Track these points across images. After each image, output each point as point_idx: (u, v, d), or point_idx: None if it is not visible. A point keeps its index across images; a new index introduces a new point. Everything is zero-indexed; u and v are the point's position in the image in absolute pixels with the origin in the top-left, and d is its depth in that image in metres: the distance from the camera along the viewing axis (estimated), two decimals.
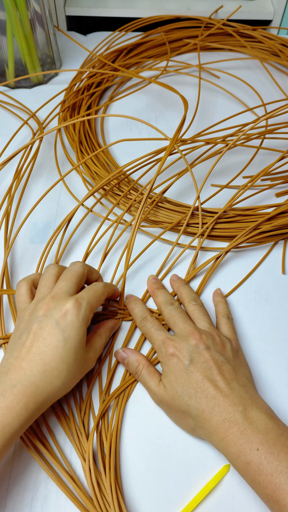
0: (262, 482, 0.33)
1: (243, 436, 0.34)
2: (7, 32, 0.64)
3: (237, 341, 0.43)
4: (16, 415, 0.33)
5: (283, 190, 0.57)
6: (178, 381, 0.38)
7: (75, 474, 0.37)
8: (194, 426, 0.37)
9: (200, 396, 0.37)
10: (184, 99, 0.55)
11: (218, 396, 0.36)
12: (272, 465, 0.33)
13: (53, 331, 0.36)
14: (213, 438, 0.36)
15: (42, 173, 0.60)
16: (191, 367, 0.38)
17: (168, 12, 0.81)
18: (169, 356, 0.39)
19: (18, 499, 0.37)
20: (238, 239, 0.51)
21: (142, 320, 0.43)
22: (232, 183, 0.57)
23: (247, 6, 0.82)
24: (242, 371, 0.39)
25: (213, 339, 0.40)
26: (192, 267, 0.50)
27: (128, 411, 0.41)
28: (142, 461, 0.38)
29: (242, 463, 0.34)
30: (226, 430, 0.35)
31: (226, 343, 0.40)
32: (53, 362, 0.35)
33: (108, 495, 0.35)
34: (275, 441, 0.34)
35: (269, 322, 0.47)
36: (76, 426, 0.39)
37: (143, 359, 0.42)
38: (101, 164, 0.58)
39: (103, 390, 0.42)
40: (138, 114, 0.68)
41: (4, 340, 0.44)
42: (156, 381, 0.40)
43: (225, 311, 0.45)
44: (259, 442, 0.34)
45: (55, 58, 0.72)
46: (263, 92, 0.71)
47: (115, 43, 0.76)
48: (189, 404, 0.37)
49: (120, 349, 0.43)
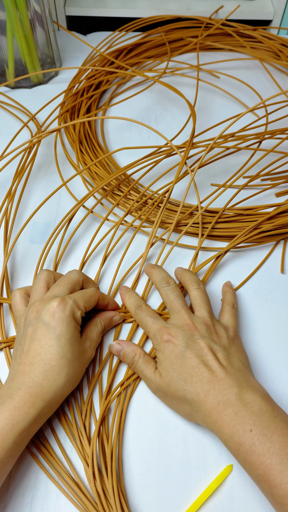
0: (253, 462, 0.33)
1: (237, 417, 0.35)
2: (7, 32, 0.64)
3: (236, 329, 0.43)
4: (24, 414, 0.35)
5: (283, 190, 0.57)
6: (173, 367, 0.38)
7: (78, 476, 0.37)
8: (190, 411, 0.38)
9: (195, 380, 0.37)
10: (190, 105, 0.55)
11: (213, 380, 0.37)
12: (264, 446, 0.33)
13: (45, 332, 0.38)
14: (208, 420, 0.36)
15: (42, 173, 0.60)
16: (187, 353, 0.38)
17: (168, 12, 0.81)
18: (165, 342, 0.39)
19: (18, 499, 0.37)
20: (238, 239, 0.51)
21: (136, 309, 0.44)
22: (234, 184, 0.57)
23: (247, 6, 0.82)
24: (238, 356, 0.40)
25: (208, 329, 0.40)
26: (192, 267, 0.50)
27: (130, 412, 0.41)
28: (144, 462, 0.38)
29: (235, 444, 0.34)
30: (221, 412, 0.35)
31: (221, 332, 0.41)
32: (52, 360, 0.37)
33: (111, 498, 0.35)
34: (269, 423, 0.34)
35: (269, 322, 0.47)
36: (78, 429, 0.39)
37: (138, 348, 0.42)
38: (101, 165, 0.58)
39: (103, 392, 0.42)
40: (138, 115, 0.68)
41: (5, 344, 0.44)
42: (152, 369, 0.40)
43: (231, 300, 0.46)
44: (253, 423, 0.34)
45: (55, 58, 0.72)
46: (263, 93, 0.71)
47: (115, 43, 0.76)
48: (184, 389, 0.37)
49: (114, 341, 0.43)
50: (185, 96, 0.57)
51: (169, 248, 0.52)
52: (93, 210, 0.54)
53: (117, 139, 0.64)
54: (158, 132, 0.52)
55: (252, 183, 0.58)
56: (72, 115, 0.65)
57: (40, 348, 0.37)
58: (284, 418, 0.35)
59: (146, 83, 0.72)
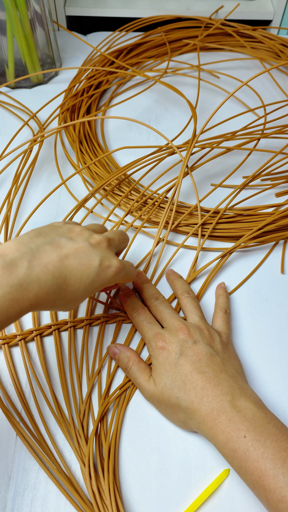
0: (248, 468, 0.33)
1: (231, 424, 0.35)
2: (7, 32, 0.64)
3: (229, 335, 0.43)
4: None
5: (283, 190, 0.57)
6: (167, 374, 0.38)
7: (73, 477, 0.37)
8: (184, 418, 0.38)
9: (189, 387, 0.37)
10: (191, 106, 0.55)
11: (207, 386, 0.37)
12: (258, 452, 0.33)
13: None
14: (203, 428, 0.36)
15: (42, 173, 0.59)
16: (181, 360, 0.38)
17: (168, 12, 0.81)
18: (159, 349, 0.40)
19: (18, 499, 0.37)
20: (245, 239, 0.50)
21: (134, 312, 0.44)
22: (233, 184, 0.57)
23: (247, 6, 0.82)
24: (231, 362, 0.40)
25: (202, 333, 0.40)
26: (193, 268, 0.50)
27: (128, 413, 0.41)
28: (142, 462, 0.38)
29: (229, 450, 0.34)
30: (215, 419, 0.35)
31: (215, 336, 0.41)
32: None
33: (107, 499, 0.35)
34: (262, 428, 0.34)
35: (269, 321, 0.47)
36: (75, 429, 0.39)
37: (133, 355, 0.42)
38: (101, 165, 0.58)
39: (102, 392, 0.42)
40: (138, 115, 0.68)
41: (4, 341, 0.44)
42: (146, 376, 0.40)
43: (224, 305, 0.46)
44: (246, 429, 0.34)
45: (55, 58, 0.72)
46: (263, 93, 0.71)
47: (115, 43, 0.76)
48: (178, 396, 0.37)
49: (112, 344, 0.43)
50: (185, 96, 0.57)
51: (167, 247, 0.52)
52: (93, 210, 0.54)
53: (117, 140, 0.64)
54: (158, 131, 0.52)
55: (252, 183, 0.58)
56: (72, 114, 0.65)
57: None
58: (277, 424, 0.35)
59: (147, 83, 0.72)
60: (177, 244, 0.52)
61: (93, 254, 0.35)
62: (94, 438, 0.38)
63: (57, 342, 0.44)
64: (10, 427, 0.39)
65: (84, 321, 0.45)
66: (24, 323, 0.46)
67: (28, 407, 0.41)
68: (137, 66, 0.73)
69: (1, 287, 0.30)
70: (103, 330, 0.45)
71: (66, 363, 0.43)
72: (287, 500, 0.31)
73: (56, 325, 0.45)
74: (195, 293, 0.48)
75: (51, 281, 0.32)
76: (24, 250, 0.32)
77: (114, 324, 0.46)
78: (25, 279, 0.31)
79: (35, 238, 0.34)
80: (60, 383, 0.42)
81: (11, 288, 0.30)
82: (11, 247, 0.32)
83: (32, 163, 0.58)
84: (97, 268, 0.35)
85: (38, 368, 0.43)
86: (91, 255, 0.35)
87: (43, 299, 0.32)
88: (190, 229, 0.52)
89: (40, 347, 0.44)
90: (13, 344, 0.44)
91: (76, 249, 0.35)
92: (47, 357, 0.44)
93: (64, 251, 0.34)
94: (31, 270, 0.31)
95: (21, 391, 0.41)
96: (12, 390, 0.42)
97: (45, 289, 0.32)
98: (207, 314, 0.47)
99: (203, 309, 0.47)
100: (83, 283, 0.34)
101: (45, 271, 0.32)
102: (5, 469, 0.38)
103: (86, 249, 0.35)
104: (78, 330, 0.46)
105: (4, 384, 0.42)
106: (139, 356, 0.42)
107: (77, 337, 0.45)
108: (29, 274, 0.31)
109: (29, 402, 0.41)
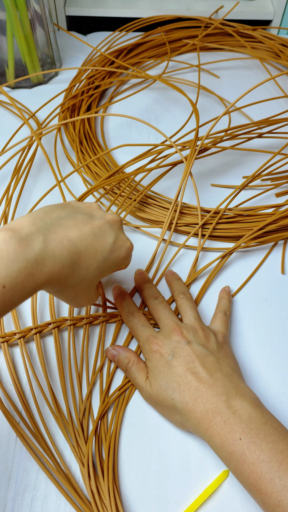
0: (244, 471, 0.33)
1: (226, 425, 0.34)
2: (7, 32, 0.64)
3: (225, 334, 0.43)
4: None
5: (284, 190, 0.57)
6: (161, 376, 0.38)
7: (73, 478, 0.37)
8: (181, 420, 0.37)
9: (183, 389, 0.37)
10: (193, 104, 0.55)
11: (201, 387, 0.36)
12: (254, 455, 0.33)
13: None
14: (199, 430, 0.36)
15: (42, 173, 0.59)
16: (174, 362, 0.38)
17: (168, 12, 0.81)
18: (153, 352, 0.40)
19: (18, 499, 0.37)
20: (245, 239, 0.50)
21: (128, 315, 0.44)
22: (233, 184, 0.57)
23: (247, 6, 0.82)
24: (226, 361, 0.39)
25: (196, 333, 0.40)
26: (194, 268, 0.50)
27: (128, 413, 0.41)
28: (142, 463, 0.38)
29: (225, 453, 0.34)
30: (210, 421, 0.35)
31: (210, 336, 0.41)
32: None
33: (106, 499, 0.35)
34: (258, 430, 0.34)
35: (269, 322, 0.47)
36: (75, 429, 0.39)
37: (132, 355, 0.42)
38: (101, 164, 0.58)
39: (102, 392, 0.42)
40: (138, 114, 0.68)
41: (3, 339, 0.44)
42: (144, 377, 0.40)
43: (224, 307, 0.46)
44: (242, 431, 0.34)
45: (55, 58, 0.72)
46: (264, 93, 0.71)
47: (115, 43, 0.76)
48: (173, 398, 0.37)
49: (110, 346, 0.43)
50: (188, 96, 0.56)
51: (169, 247, 0.52)
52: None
53: (117, 139, 0.64)
54: (159, 130, 0.52)
55: (252, 184, 0.58)
56: (72, 113, 0.65)
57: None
58: (273, 424, 0.34)
59: (146, 83, 0.72)
60: (178, 244, 0.52)
61: (109, 231, 0.36)
62: (94, 438, 0.38)
63: (56, 341, 0.44)
64: (10, 428, 0.39)
65: (84, 320, 0.45)
66: (24, 321, 0.46)
67: (28, 407, 0.41)
68: (137, 66, 0.73)
69: (17, 262, 0.29)
70: (104, 329, 0.45)
71: (66, 363, 0.43)
72: (284, 504, 0.31)
73: (55, 322, 0.45)
74: (195, 293, 0.48)
75: (65, 256, 0.32)
76: (39, 224, 0.32)
77: (114, 324, 0.46)
78: (40, 254, 0.30)
79: (50, 212, 0.34)
80: (60, 382, 0.42)
81: (27, 262, 0.29)
82: (25, 221, 0.32)
83: (30, 159, 0.58)
84: (111, 245, 0.35)
85: (38, 368, 0.43)
86: (106, 232, 0.35)
87: (58, 274, 0.31)
88: (190, 229, 0.52)
89: (39, 345, 0.44)
90: (13, 342, 0.44)
91: (92, 224, 0.35)
92: (47, 356, 0.44)
93: (80, 226, 0.34)
94: (46, 245, 0.31)
95: (21, 390, 0.41)
96: (12, 390, 0.42)
97: (59, 264, 0.31)
98: (207, 315, 0.47)
99: (203, 309, 0.47)
100: (96, 259, 0.34)
101: (60, 246, 0.32)
102: (5, 469, 0.38)
103: (103, 225, 0.35)
104: (78, 330, 0.46)
105: (4, 384, 0.42)
106: (138, 356, 0.42)
107: (77, 337, 0.45)
108: (44, 248, 0.31)
109: (29, 402, 0.41)
